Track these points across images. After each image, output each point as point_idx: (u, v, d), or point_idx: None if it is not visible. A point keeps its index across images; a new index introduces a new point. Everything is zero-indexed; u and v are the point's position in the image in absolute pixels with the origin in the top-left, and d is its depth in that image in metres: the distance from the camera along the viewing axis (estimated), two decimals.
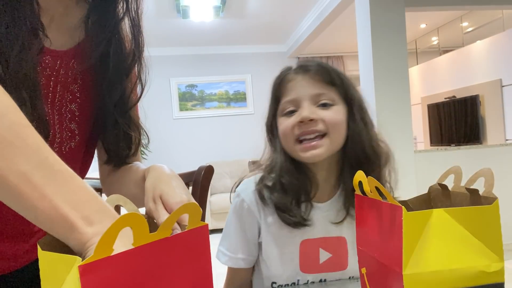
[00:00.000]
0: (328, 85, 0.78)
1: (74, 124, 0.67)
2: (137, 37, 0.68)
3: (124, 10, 0.66)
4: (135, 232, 0.35)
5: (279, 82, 0.83)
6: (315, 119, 0.75)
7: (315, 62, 0.81)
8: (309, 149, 0.75)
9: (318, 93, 0.77)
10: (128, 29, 0.67)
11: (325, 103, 0.77)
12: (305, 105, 0.76)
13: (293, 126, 0.76)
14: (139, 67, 0.70)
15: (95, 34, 0.65)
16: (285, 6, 4.10)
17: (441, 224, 0.45)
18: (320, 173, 0.81)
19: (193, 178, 1.15)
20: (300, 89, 0.78)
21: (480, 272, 0.44)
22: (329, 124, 0.75)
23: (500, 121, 4.46)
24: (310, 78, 0.79)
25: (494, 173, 0.48)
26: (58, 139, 0.65)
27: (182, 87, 5.52)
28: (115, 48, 0.66)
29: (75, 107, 0.67)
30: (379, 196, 0.51)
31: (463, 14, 4.97)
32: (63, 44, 0.64)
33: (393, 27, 2.92)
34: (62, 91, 0.64)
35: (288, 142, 0.78)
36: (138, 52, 0.69)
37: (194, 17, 4.07)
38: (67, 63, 0.64)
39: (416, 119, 5.52)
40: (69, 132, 0.66)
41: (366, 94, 3.35)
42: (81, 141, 0.69)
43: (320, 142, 0.75)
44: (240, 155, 5.50)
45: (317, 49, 5.53)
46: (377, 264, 0.51)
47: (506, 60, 4.33)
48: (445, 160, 3.05)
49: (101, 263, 0.32)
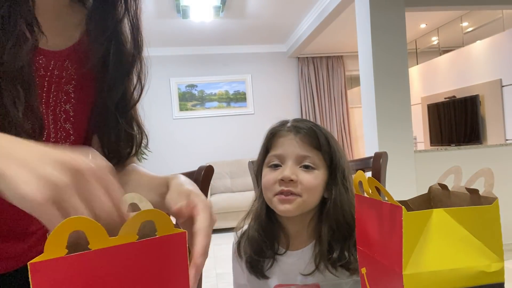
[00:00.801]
0: (314, 149, 0.84)
1: (69, 124, 0.67)
2: (136, 38, 0.68)
3: (123, 11, 0.66)
4: (90, 235, 0.34)
5: (271, 135, 0.90)
6: (295, 180, 0.81)
7: (308, 124, 0.87)
8: (284, 202, 0.82)
9: (303, 155, 0.83)
10: (128, 30, 0.68)
11: (308, 165, 0.83)
12: (289, 164, 0.83)
13: (275, 181, 0.83)
14: (138, 67, 0.70)
15: (95, 35, 0.66)
16: (285, 6, 4.10)
17: (441, 224, 0.45)
18: (291, 226, 0.88)
19: (193, 178, 1.15)
20: (288, 147, 0.85)
21: (480, 272, 0.44)
22: (305, 188, 0.82)
23: (500, 121, 4.46)
24: (300, 139, 0.84)
25: (494, 173, 0.48)
26: (52, 139, 0.65)
27: (182, 87, 5.53)
28: (115, 49, 0.66)
29: (70, 107, 0.67)
30: (379, 196, 0.51)
31: (463, 14, 4.97)
32: (57, 45, 0.64)
33: (393, 27, 2.92)
34: (57, 91, 0.65)
35: (267, 193, 0.85)
36: (138, 53, 0.69)
37: (194, 17, 4.07)
38: (61, 63, 0.65)
39: (416, 119, 5.52)
40: (63, 132, 0.66)
41: (366, 94, 3.37)
42: (76, 141, 0.69)
43: (295, 198, 0.82)
44: (240, 155, 5.50)
45: (317, 49, 5.53)
46: (377, 264, 0.51)
47: (506, 60, 4.33)
48: (445, 160, 3.05)
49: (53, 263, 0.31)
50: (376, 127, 2.88)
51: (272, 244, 0.87)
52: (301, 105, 5.81)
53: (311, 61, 5.86)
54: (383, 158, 1.19)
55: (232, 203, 4.66)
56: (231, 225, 4.67)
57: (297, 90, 5.86)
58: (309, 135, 0.84)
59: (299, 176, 0.82)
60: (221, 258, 3.62)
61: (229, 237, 3.87)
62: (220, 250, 3.90)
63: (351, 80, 6.46)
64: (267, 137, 0.91)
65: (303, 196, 0.81)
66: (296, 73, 5.86)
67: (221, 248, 3.96)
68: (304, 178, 0.82)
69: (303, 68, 5.82)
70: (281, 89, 5.80)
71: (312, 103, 5.83)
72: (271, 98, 5.75)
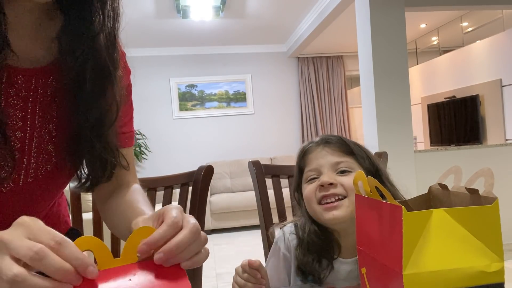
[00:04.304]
0: (346, 154, 0.85)
1: (51, 146, 0.64)
2: (112, 55, 0.64)
3: (100, 26, 0.62)
4: (97, 255, 0.38)
5: (302, 155, 0.91)
6: (334, 183, 0.81)
7: (336, 136, 0.89)
8: (330, 209, 0.81)
9: (337, 161, 0.84)
10: (103, 46, 0.63)
11: (344, 170, 0.84)
12: (325, 171, 0.84)
13: (315, 189, 0.83)
14: (114, 86, 0.65)
15: (70, 50, 0.61)
16: (285, 6, 4.10)
17: (441, 224, 0.45)
18: (342, 239, 0.86)
19: (193, 178, 1.15)
20: (320, 159, 0.86)
21: (480, 272, 0.44)
22: (348, 188, 0.81)
23: (500, 121, 4.46)
24: (330, 149, 0.86)
25: (494, 173, 0.48)
26: (33, 164, 0.62)
27: (182, 87, 5.53)
28: (91, 65, 0.62)
29: (53, 127, 0.64)
30: (379, 196, 0.51)
31: (463, 14, 4.97)
32: (39, 60, 0.61)
33: (393, 27, 2.92)
34: (42, 111, 0.62)
35: (311, 204, 0.84)
36: (114, 71, 0.65)
37: (194, 17, 4.07)
38: (44, 80, 0.61)
39: (416, 119, 5.52)
40: (45, 155, 0.63)
41: (366, 94, 3.38)
42: (57, 162, 0.66)
43: (340, 203, 0.81)
44: (240, 155, 5.50)
45: (317, 49, 5.53)
46: (377, 264, 0.51)
47: (506, 60, 4.33)
48: (445, 160, 3.05)
49: None
50: (376, 127, 2.88)
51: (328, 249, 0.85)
52: (301, 105, 5.81)
53: (311, 61, 5.85)
54: (383, 158, 1.19)
55: (232, 203, 4.66)
56: (230, 225, 4.68)
57: (297, 90, 5.85)
58: (339, 143, 0.86)
59: (338, 179, 0.82)
60: (221, 258, 3.62)
61: (229, 237, 3.90)
62: (220, 250, 3.90)
63: (351, 80, 6.46)
64: (299, 157, 0.91)
65: (349, 196, 0.81)
66: (296, 73, 5.86)
67: (221, 248, 3.96)
68: (344, 180, 0.82)
69: (303, 68, 5.82)
70: (281, 89, 5.80)
71: (312, 103, 5.83)
72: (271, 98, 5.75)
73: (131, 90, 0.78)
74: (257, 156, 5.29)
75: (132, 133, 0.79)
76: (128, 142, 0.77)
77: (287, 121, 5.80)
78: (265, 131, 5.71)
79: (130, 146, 0.79)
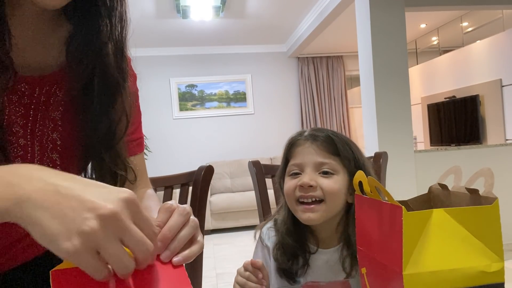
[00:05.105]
0: (332, 155, 0.85)
1: (56, 154, 0.63)
2: (121, 64, 0.63)
3: (108, 34, 0.61)
4: None
5: (289, 146, 0.91)
6: (314, 186, 0.82)
7: (326, 132, 0.88)
8: (307, 211, 0.83)
9: (321, 161, 0.85)
10: (112, 54, 0.62)
11: (326, 171, 0.84)
12: (307, 171, 0.85)
13: (295, 188, 0.84)
14: (124, 96, 0.64)
15: (77, 59, 0.61)
16: (285, 6, 4.10)
17: (441, 224, 0.45)
18: (319, 232, 0.89)
19: (193, 178, 1.15)
20: (306, 156, 0.86)
21: (480, 272, 0.44)
22: (326, 192, 0.83)
23: (500, 121, 4.46)
24: (317, 147, 0.86)
25: (494, 173, 0.48)
26: None
27: (182, 87, 5.53)
28: (99, 75, 0.61)
29: (57, 136, 0.63)
30: (379, 196, 0.51)
31: (463, 14, 4.97)
32: (44, 69, 0.61)
33: (393, 27, 2.92)
34: (43, 119, 0.61)
35: (290, 201, 0.86)
36: (123, 81, 0.63)
37: (194, 17, 4.07)
38: (48, 89, 0.61)
39: (416, 119, 5.52)
40: (50, 163, 0.63)
41: (366, 94, 3.37)
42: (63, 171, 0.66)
43: (317, 207, 0.83)
44: (240, 155, 5.50)
45: (317, 49, 5.53)
46: (377, 264, 0.51)
47: (506, 60, 4.33)
48: (445, 160, 3.05)
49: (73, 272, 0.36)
50: (376, 127, 2.88)
51: (304, 246, 0.88)
52: (301, 105, 5.81)
53: (311, 61, 5.85)
54: (383, 158, 1.19)
55: (232, 203, 4.65)
56: (230, 225, 4.67)
57: (297, 90, 5.85)
58: (327, 142, 0.86)
59: (318, 181, 0.83)
60: (221, 258, 3.62)
61: (229, 237, 3.90)
62: (220, 250, 3.90)
63: (351, 80, 6.46)
64: (286, 148, 0.92)
65: (326, 201, 0.82)
66: (296, 73, 5.86)
67: (221, 248, 3.96)
68: (324, 182, 0.83)
69: (303, 68, 5.82)
70: (281, 89, 5.80)
71: (312, 103, 5.83)
72: (271, 98, 5.75)
73: (138, 95, 0.77)
74: (257, 156, 5.28)
75: (141, 139, 0.78)
76: (138, 149, 0.76)
77: (287, 121, 5.79)
78: (265, 131, 5.71)
79: (141, 152, 0.78)
